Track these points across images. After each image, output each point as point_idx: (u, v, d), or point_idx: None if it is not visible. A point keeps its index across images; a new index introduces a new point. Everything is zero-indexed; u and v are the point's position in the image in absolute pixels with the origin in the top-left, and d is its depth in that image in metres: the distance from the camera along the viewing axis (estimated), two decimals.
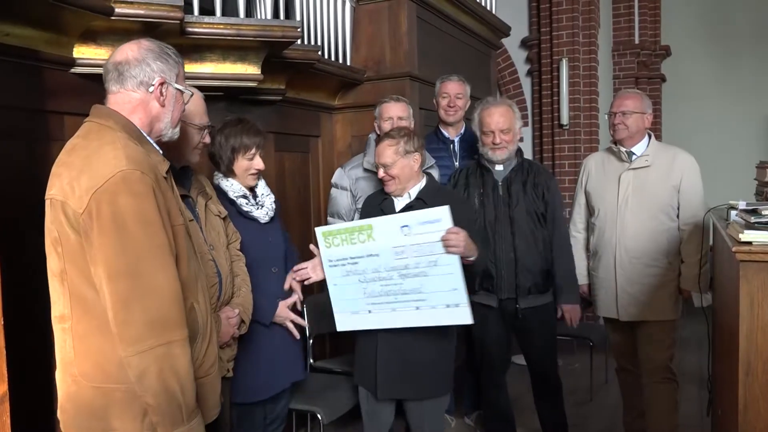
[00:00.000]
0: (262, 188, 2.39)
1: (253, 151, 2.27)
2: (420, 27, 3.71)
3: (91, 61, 2.20)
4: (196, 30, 2.46)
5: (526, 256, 2.75)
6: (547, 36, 5.67)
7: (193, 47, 2.52)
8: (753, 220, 1.75)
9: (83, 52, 2.20)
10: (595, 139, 5.67)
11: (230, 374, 2.06)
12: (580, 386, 4.18)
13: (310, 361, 3.19)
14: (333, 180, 3.03)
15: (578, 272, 2.98)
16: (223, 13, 2.59)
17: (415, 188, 2.40)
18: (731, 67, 6.99)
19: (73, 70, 2.21)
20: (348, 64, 3.56)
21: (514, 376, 3.33)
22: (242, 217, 2.27)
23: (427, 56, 3.78)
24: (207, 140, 2.02)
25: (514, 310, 2.79)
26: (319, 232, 2.30)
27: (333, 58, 3.44)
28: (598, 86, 5.72)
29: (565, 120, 5.54)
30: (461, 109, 3.31)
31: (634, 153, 2.89)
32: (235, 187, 2.28)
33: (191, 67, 2.54)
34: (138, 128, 1.53)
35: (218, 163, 2.30)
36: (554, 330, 2.95)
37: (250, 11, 2.80)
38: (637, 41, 6.74)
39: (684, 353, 4.08)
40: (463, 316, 2.16)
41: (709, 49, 7.08)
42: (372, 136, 2.98)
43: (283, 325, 2.34)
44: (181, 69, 1.61)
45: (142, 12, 2.15)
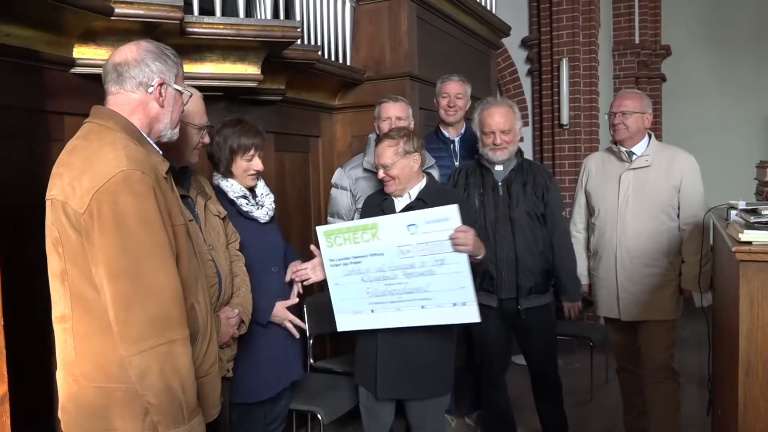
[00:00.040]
0: (262, 188, 2.39)
1: (251, 152, 2.26)
2: (420, 27, 3.71)
3: (91, 62, 2.20)
4: (196, 30, 2.46)
5: (527, 256, 2.75)
6: (548, 36, 5.67)
7: (192, 47, 2.52)
8: (753, 219, 1.75)
9: (83, 52, 2.20)
10: (595, 139, 5.67)
11: (230, 374, 2.06)
12: (580, 386, 4.18)
13: (311, 361, 3.19)
14: (333, 180, 3.03)
15: (579, 272, 2.98)
16: (223, 13, 2.59)
17: (416, 188, 2.39)
18: (731, 67, 6.99)
19: (73, 71, 2.21)
20: (348, 64, 3.56)
21: (514, 376, 3.33)
22: (242, 217, 2.26)
23: (427, 56, 3.78)
24: (206, 140, 2.02)
25: (515, 311, 2.79)
26: (321, 232, 2.28)
27: (333, 58, 3.44)
28: (599, 86, 5.71)
29: (565, 120, 5.54)
30: (461, 109, 3.31)
31: (634, 153, 2.89)
32: (234, 188, 2.27)
33: (191, 68, 2.54)
34: (138, 129, 1.53)
35: (217, 164, 2.29)
36: (554, 330, 2.96)
37: (249, 11, 2.80)
38: (637, 41, 6.73)
39: (684, 353, 4.07)
40: (470, 314, 2.16)
41: (710, 49, 7.08)
42: (372, 136, 2.98)
43: (282, 326, 2.34)
44: (180, 70, 1.61)
45: (142, 12, 2.15)
